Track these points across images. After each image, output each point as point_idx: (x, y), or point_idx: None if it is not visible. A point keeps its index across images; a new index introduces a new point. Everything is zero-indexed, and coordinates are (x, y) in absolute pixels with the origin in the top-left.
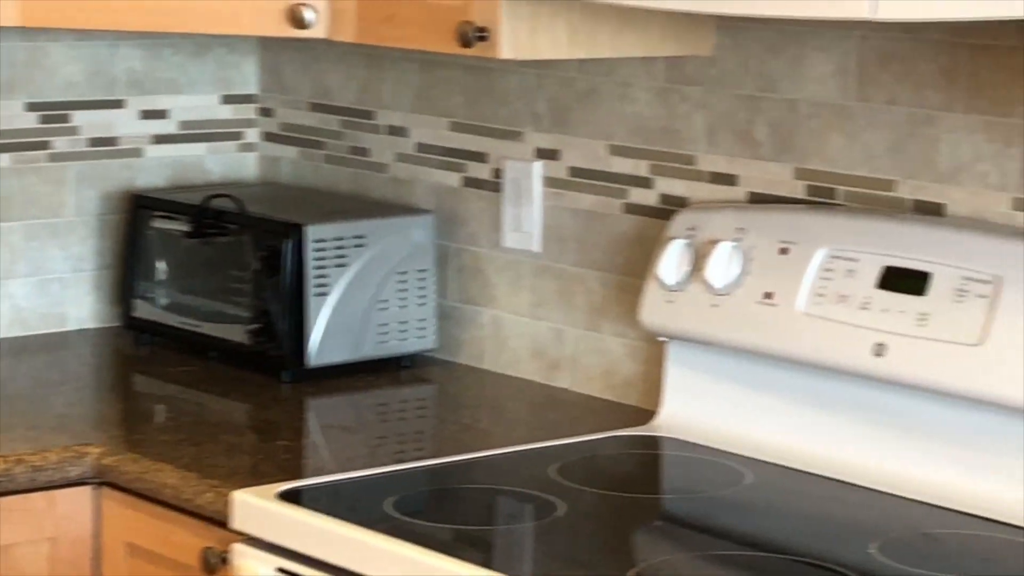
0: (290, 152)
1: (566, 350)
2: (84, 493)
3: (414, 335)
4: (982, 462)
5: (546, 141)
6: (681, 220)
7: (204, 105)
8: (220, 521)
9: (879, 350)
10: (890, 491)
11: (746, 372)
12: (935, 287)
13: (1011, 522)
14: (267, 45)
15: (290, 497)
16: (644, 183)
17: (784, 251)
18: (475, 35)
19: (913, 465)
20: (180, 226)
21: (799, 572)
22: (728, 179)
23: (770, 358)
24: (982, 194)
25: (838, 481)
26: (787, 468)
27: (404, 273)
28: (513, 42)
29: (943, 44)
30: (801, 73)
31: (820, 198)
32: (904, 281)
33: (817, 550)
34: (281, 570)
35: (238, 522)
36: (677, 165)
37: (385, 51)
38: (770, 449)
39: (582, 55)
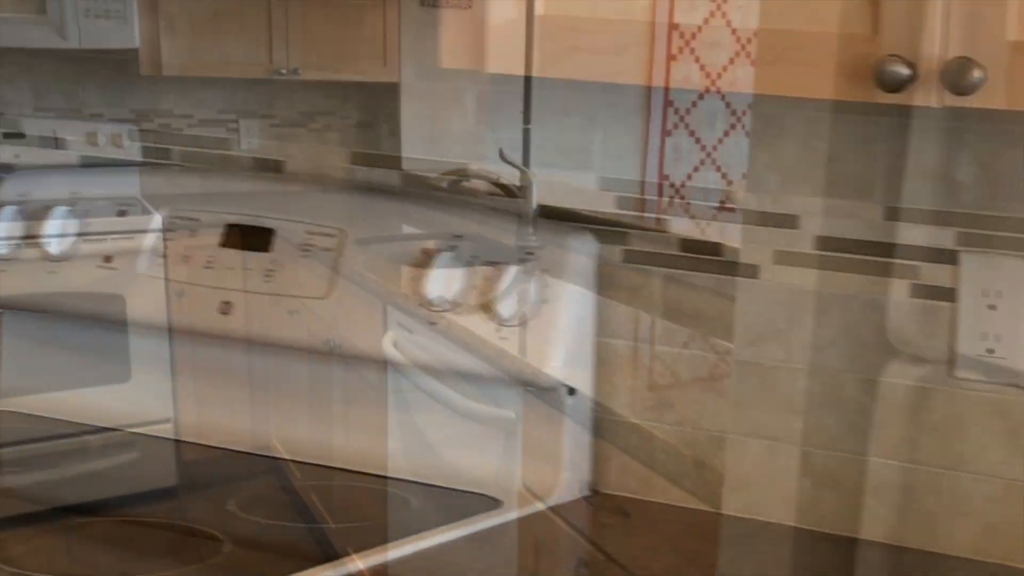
0: None
1: None
2: None
3: None
4: (335, 414)
5: None
6: (10, 186)
7: None
8: None
9: (225, 308)
10: (245, 450)
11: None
12: (279, 243)
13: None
14: None
15: None
16: None
17: (123, 213)
18: None
19: (269, 420)
20: None
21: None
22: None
23: (110, 323)
24: (323, 150)
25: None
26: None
27: None
28: None
29: None
30: None
31: (157, 159)
32: (248, 238)
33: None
34: None
35: None
36: None
37: None
38: (101, 415)
39: None
